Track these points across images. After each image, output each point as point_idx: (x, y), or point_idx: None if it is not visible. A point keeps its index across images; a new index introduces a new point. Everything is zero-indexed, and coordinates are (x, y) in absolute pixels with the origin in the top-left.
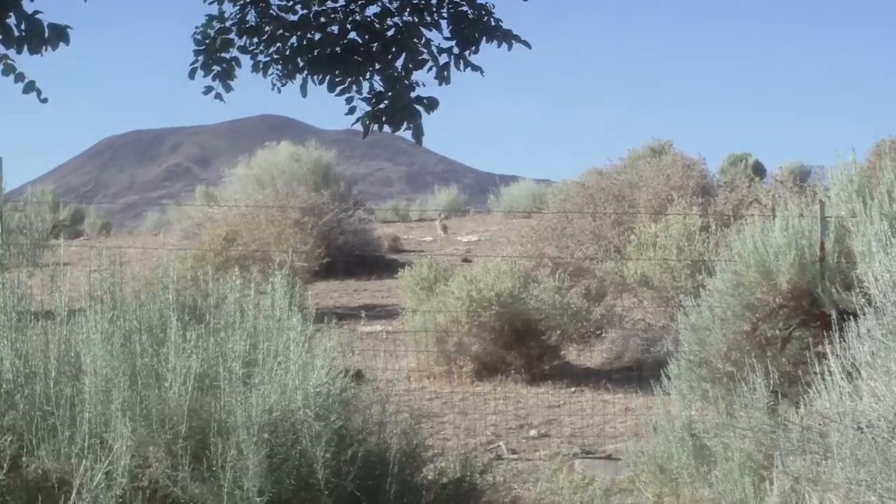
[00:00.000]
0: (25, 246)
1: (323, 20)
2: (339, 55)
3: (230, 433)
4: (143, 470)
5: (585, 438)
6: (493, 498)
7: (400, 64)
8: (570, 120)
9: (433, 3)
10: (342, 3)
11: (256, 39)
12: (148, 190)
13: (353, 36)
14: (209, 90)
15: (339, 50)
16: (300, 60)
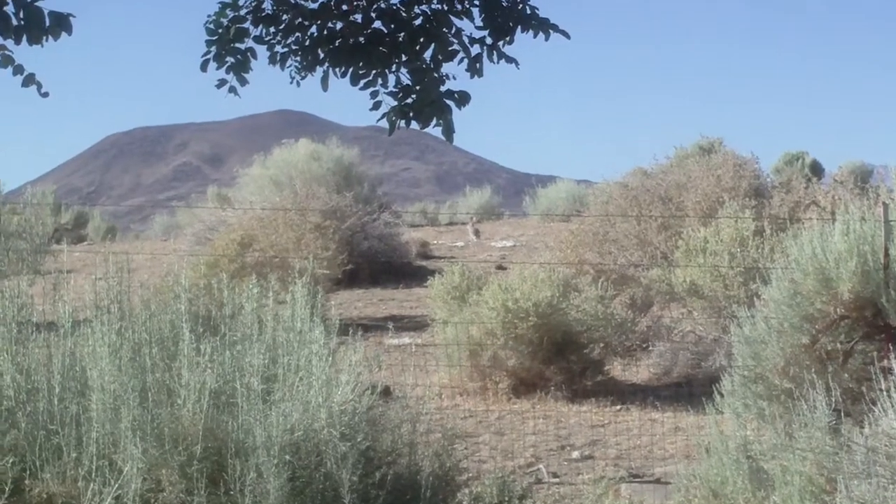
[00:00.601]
0: (25, 251)
1: (345, 8)
2: (362, 46)
3: (249, 454)
4: (155, 494)
5: (632, 461)
6: None
7: (428, 55)
8: (612, 116)
9: None
10: None
11: (273, 29)
12: (155, 191)
13: (377, 25)
14: (222, 83)
15: (362, 40)
16: (320, 51)
